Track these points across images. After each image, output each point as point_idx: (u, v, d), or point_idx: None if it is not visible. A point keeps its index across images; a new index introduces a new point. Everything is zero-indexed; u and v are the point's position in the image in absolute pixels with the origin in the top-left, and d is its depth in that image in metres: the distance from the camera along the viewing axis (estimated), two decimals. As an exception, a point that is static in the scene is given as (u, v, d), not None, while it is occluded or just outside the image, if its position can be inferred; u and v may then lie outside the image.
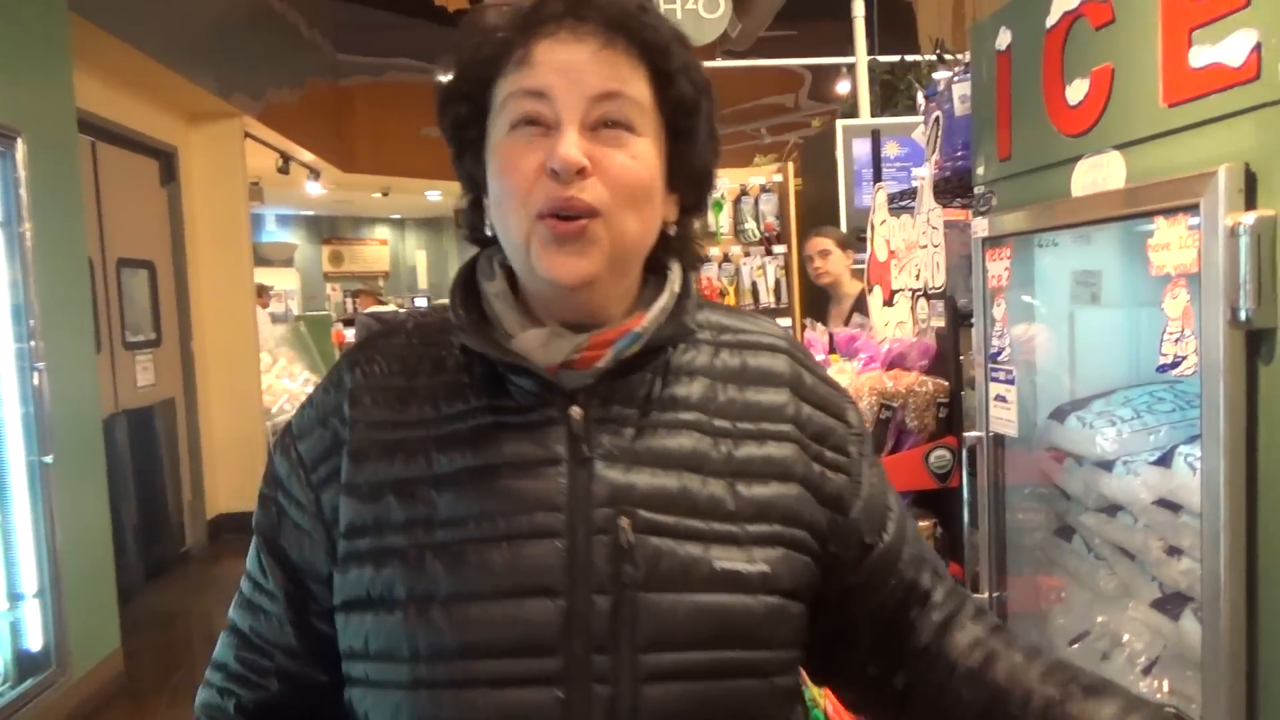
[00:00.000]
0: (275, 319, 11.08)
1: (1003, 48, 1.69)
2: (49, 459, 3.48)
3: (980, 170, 1.79)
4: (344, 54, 9.83)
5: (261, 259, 13.06)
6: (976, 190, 1.79)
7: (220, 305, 6.55)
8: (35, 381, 3.46)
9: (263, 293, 8.63)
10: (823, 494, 0.84)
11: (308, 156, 8.59)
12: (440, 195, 12.85)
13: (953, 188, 2.04)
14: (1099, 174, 1.40)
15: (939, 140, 2.00)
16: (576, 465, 0.77)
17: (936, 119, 1.97)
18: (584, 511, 0.75)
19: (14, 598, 3.41)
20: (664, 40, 0.79)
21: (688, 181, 0.85)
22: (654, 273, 0.86)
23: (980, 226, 1.72)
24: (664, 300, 0.84)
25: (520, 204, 0.76)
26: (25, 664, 3.44)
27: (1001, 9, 1.72)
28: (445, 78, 0.82)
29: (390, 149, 10.22)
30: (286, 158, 8.04)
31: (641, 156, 0.78)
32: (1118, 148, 1.37)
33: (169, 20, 5.42)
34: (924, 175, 2.00)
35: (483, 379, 0.81)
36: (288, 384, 8.16)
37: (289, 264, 13.79)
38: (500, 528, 0.75)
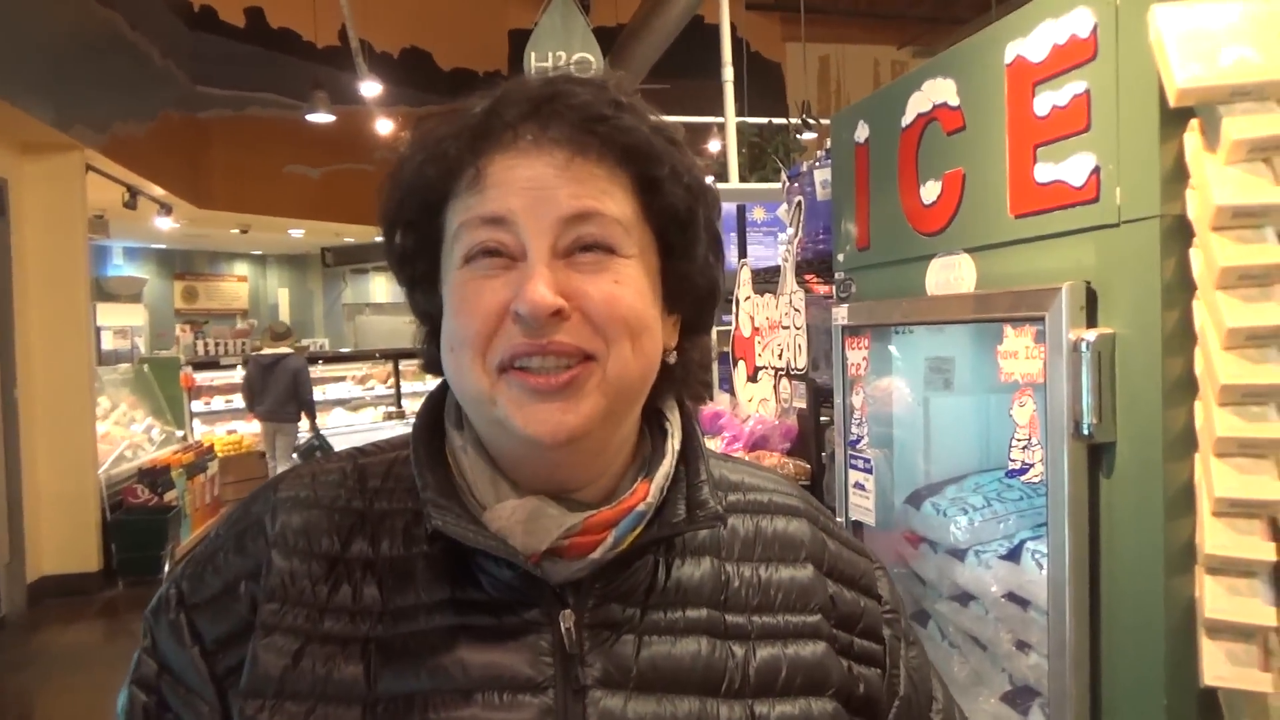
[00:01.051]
0: (119, 357, 10.38)
1: (861, 140, 1.73)
2: None
3: (840, 257, 1.82)
4: (202, 85, 9.41)
5: (107, 294, 12.26)
6: (837, 276, 1.82)
7: (51, 346, 6.06)
8: None
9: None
10: (855, 700, 0.71)
11: (158, 191, 8.13)
12: (303, 233, 12.43)
13: (815, 268, 2.06)
14: (951, 274, 1.44)
15: (801, 221, 2.03)
16: (569, 694, 0.62)
17: (799, 203, 2.00)
18: None
19: None
20: (646, 142, 0.65)
21: (688, 300, 0.71)
22: (648, 418, 0.72)
23: (840, 315, 1.74)
24: (667, 463, 0.69)
25: (477, 355, 0.62)
26: None
27: (860, 102, 1.76)
28: (387, 202, 0.68)
29: (250, 185, 9.81)
30: (134, 191, 7.58)
31: (629, 281, 0.64)
32: (969, 250, 1.40)
33: (1, 46, 5.04)
34: (786, 257, 2.02)
35: (443, 559, 0.65)
36: (129, 430, 7.63)
37: (137, 299, 12.99)
38: None
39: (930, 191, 1.49)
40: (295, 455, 7.72)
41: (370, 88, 8.40)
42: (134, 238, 12.25)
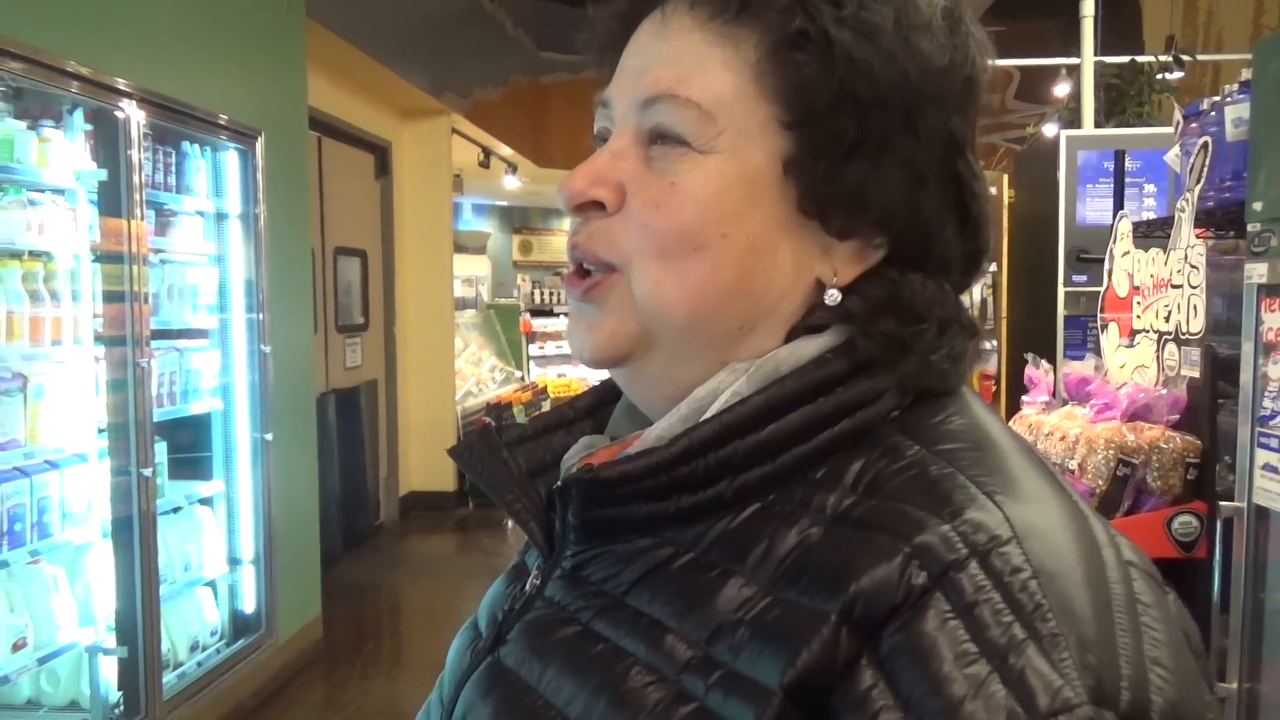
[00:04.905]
0: (464, 303, 11.61)
1: (1298, 70, 1.48)
2: (269, 436, 3.75)
3: (1258, 206, 1.59)
4: (545, 52, 10.11)
5: (458, 246, 13.72)
6: (1251, 229, 1.59)
7: (422, 292, 6.91)
8: (261, 361, 3.74)
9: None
10: None
11: (507, 151, 8.89)
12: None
13: (1216, 221, 1.82)
14: None
15: (1204, 168, 1.79)
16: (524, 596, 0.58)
17: (1204, 144, 1.76)
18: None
19: (233, 562, 3.70)
20: None
21: (867, 218, 0.52)
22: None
23: (1257, 272, 1.52)
24: (699, 397, 0.53)
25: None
26: (239, 625, 3.73)
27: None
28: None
29: (584, 144, 10.32)
30: (488, 153, 8.35)
31: (692, 184, 0.51)
32: None
33: (389, 21, 5.73)
34: (1183, 207, 1.80)
35: None
36: (477, 368, 8.52)
37: (482, 251, 14.39)
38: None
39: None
40: None
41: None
42: (481, 195, 13.53)
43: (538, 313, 10.35)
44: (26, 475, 2.70)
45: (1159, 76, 6.18)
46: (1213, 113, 1.82)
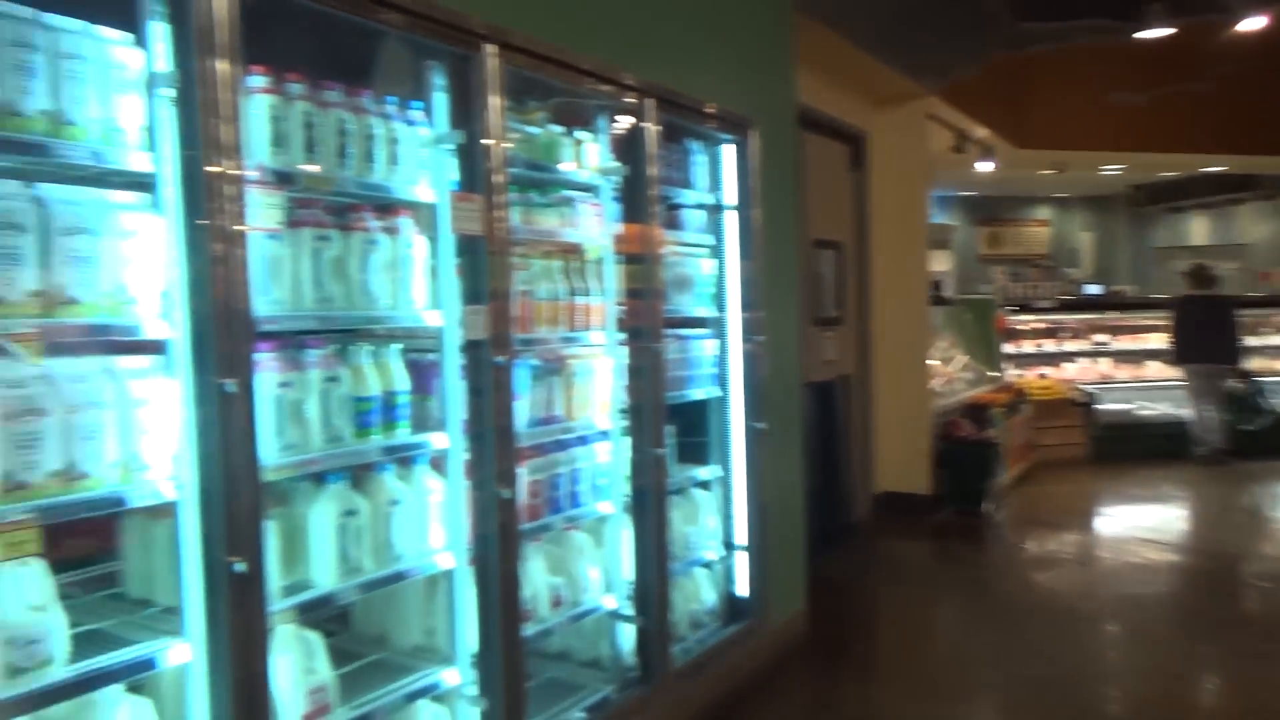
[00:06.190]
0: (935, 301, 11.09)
1: None
2: (762, 425, 3.77)
3: None
4: (1024, 21, 9.26)
5: (923, 240, 13.26)
6: None
7: (895, 286, 6.66)
8: (754, 351, 3.77)
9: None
10: None
11: (982, 134, 8.30)
12: (1120, 169, 11.55)
13: None
14: None
15: None
16: None
17: None
18: None
19: (728, 547, 3.78)
20: None
21: None
22: None
23: None
24: None
25: None
26: (733, 608, 3.80)
27: None
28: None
29: (1069, 121, 9.40)
30: (963, 137, 7.85)
31: None
32: None
33: (865, 3, 5.56)
34: None
35: None
36: (948, 366, 8.04)
37: (945, 245, 13.73)
38: None
39: None
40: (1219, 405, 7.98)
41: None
42: (944, 186, 12.88)
43: (1014, 309, 9.52)
44: (565, 448, 2.96)
45: None
46: None
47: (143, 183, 1.85)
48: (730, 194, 3.80)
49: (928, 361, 7.44)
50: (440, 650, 2.51)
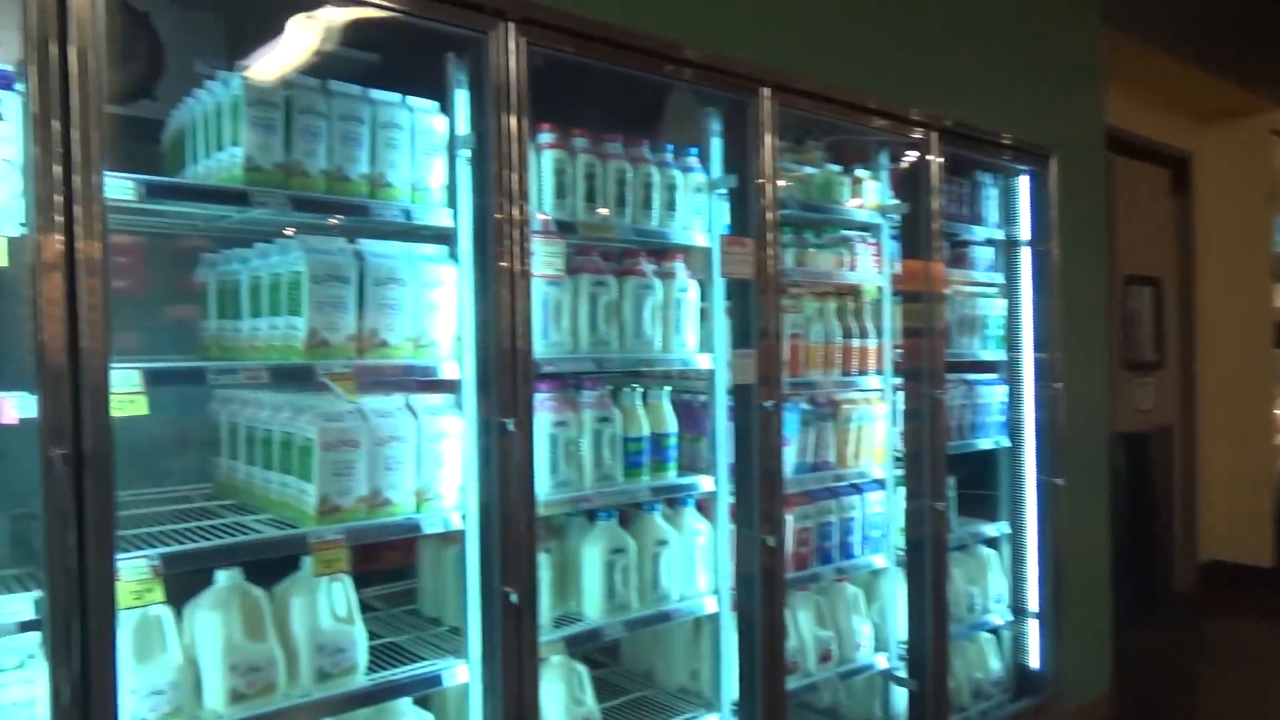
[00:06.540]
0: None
1: None
2: (1059, 480, 3.43)
3: None
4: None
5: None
6: None
7: (1229, 326, 5.84)
8: (1050, 399, 3.45)
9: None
10: None
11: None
12: None
13: None
14: None
15: None
16: None
17: None
18: None
19: (1017, 612, 3.46)
20: None
21: None
22: None
23: None
24: None
25: None
26: (1022, 681, 3.47)
27: None
28: None
29: None
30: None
31: None
32: None
33: (1186, 11, 4.96)
34: None
35: None
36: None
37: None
38: None
39: None
40: None
41: None
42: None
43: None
44: (836, 496, 2.85)
45: None
46: None
47: (443, 236, 2.03)
48: (1025, 228, 3.52)
49: (1274, 412, 6.44)
50: (704, 694, 2.49)
